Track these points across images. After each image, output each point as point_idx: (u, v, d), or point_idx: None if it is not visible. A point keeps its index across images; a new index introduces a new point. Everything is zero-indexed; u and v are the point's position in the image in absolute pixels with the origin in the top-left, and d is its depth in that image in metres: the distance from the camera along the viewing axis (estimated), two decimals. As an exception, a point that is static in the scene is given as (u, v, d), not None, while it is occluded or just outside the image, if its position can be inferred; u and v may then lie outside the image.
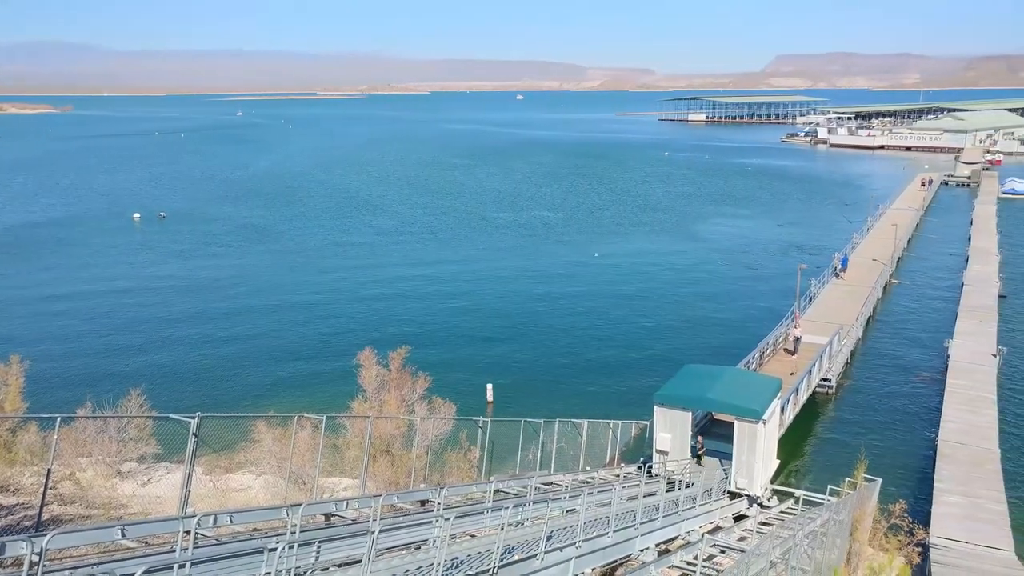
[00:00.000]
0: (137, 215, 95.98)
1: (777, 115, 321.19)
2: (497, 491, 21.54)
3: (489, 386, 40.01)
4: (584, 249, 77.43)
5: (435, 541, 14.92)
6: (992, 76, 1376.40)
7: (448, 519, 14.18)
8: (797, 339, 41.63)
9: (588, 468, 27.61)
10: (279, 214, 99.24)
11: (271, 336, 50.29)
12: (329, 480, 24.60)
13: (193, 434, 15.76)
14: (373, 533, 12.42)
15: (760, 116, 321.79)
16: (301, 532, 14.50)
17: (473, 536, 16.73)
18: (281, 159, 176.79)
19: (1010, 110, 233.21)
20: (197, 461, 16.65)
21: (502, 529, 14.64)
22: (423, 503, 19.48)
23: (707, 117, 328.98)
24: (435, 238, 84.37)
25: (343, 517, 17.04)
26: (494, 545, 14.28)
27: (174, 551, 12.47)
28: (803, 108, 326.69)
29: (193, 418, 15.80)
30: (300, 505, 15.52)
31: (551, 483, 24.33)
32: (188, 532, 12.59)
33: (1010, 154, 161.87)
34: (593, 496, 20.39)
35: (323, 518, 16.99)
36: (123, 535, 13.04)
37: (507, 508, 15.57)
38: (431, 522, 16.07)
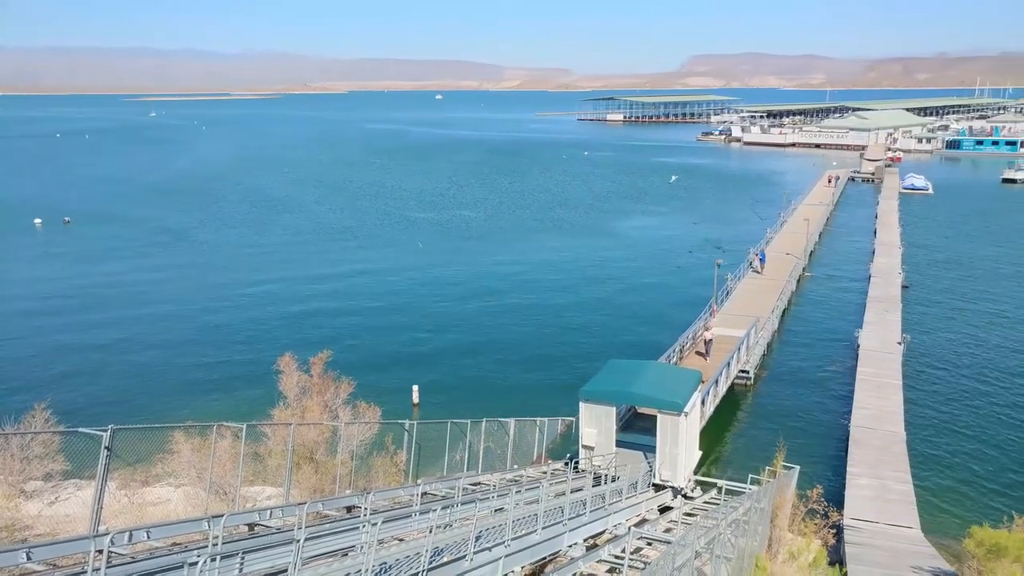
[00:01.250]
0: (38, 220, 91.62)
1: (693, 114, 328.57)
2: (425, 494, 21.38)
3: (415, 388, 39.71)
4: (507, 248, 77.66)
5: (363, 547, 14.69)
6: (891, 77, 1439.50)
7: (375, 524, 13.97)
8: (708, 342, 41.37)
9: (516, 466, 27.67)
10: (193, 217, 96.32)
11: (187, 344, 48.77)
12: (252, 489, 23.98)
13: (105, 448, 15.08)
14: (299, 541, 12.14)
15: (676, 115, 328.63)
16: (223, 544, 14.06)
17: (401, 540, 16.55)
18: (196, 161, 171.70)
19: (908, 110, 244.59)
20: (110, 476, 15.93)
21: (430, 532, 14.51)
22: (349, 509, 19.17)
23: (625, 117, 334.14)
24: (355, 239, 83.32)
25: (267, 526, 16.62)
26: (423, 548, 14.15)
27: (85, 572, 11.91)
28: (717, 107, 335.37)
29: (105, 431, 15.12)
30: (222, 516, 15.05)
31: (479, 483, 24.28)
32: (100, 551, 12.03)
33: (908, 152, 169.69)
34: (521, 494, 20.42)
35: (246, 528, 16.53)
36: (28, 558, 12.39)
37: (435, 510, 15.44)
38: (358, 528, 15.80)
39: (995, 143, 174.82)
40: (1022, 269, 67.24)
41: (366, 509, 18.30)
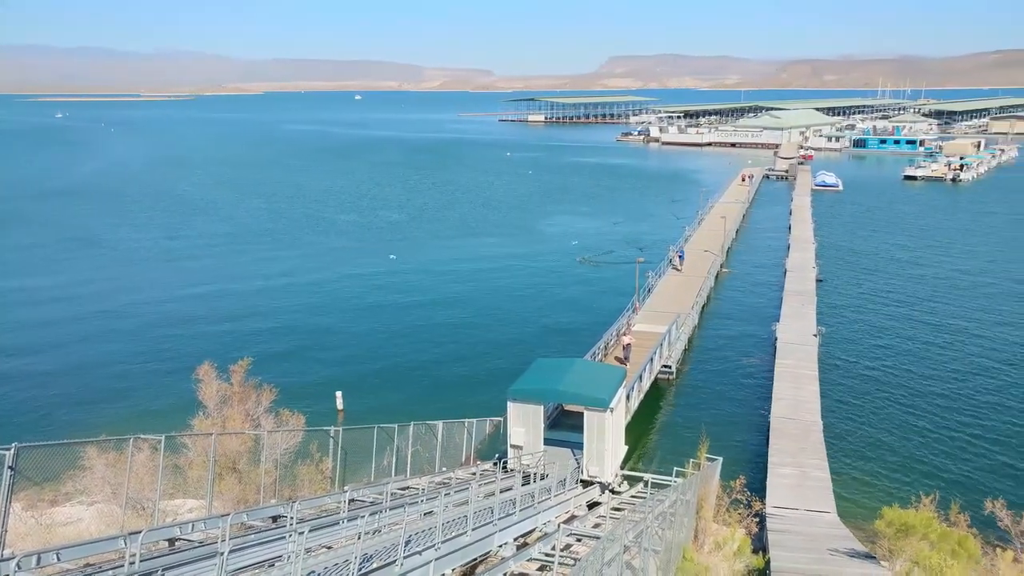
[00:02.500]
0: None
1: (612, 115, 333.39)
2: (352, 500, 21.07)
3: (338, 394, 39.13)
4: (430, 249, 77.28)
5: (289, 557, 14.40)
6: (801, 78, 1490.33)
7: (302, 533, 13.71)
8: (627, 346, 40.67)
9: (445, 469, 27.52)
10: (104, 222, 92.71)
11: (99, 354, 46.88)
12: (172, 503, 23.20)
13: (9, 467, 14.33)
14: (222, 554, 11.79)
15: (596, 116, 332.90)
16: (141, 561, 13.55)
17: (330, 548, 16.26)
18: (107, 164, 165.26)
19: (817, 109, 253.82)
20: (15, 496, 15.15)
21: (359, 538, 14.32)
22: (275, 519, 18.74)
23: (546, 117, 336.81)
24: (274, 242, 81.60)
25: (189, 540, 16.09)
26: (351, 555, 13.96)
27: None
28: (636, 108, 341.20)
29: (8, 449, 14.37)
30: (140, 532, 14.49)
31: (408, 487, 24.07)
32: None
33: (819, 150, 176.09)
34: (451, 496, 20.34)
35: (167, 544, 15.97)
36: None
37: (363, 516, 15.24)
38: (285, 537, 15.47)
39: (897, 142, 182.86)
40: (925, 262, 70.45)
41: (292, 518, 17.93)
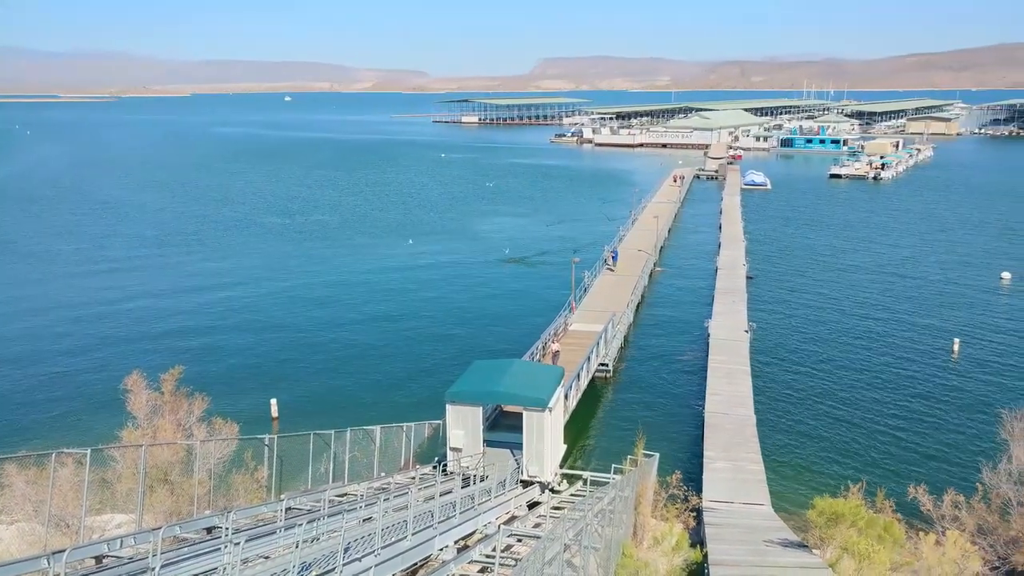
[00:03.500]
0: None
1: (545, 116, 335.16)
2: (289, 508, 20.73)
3: (273, 401, 38.45)
4: (364, 252, 76.55)
5: (225, 568, 14.08)
6: (730, 80, 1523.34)
7: (238, 544, 13.43)
8: (555, 354, 40.11)
9: (383, 474, 27.29)
10: (22, 229, 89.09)
11: (18, 365, 45.04)
12: (100, 519, 22.40)
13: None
14: (154, 569, 11.46)
15: (530, 118, 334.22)
16: (67, 581, 13.07)
17: (267, 558, 15.96)
18: (24, 167, 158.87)
19: (746, 110, 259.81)
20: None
21: (297, 547, 14.11)
22: (210, 530, 18.30)
23: (480, 119, 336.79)
24: (204, 247, 79.71)
25: (118, 557, 15.58)
26: (290, 564, 13.74)
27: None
28: (569, 109, 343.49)
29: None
30: (64, 551, 13.98)
31: (346, 494, 23.80)
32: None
33: (748, 150, 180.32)
34: (390, 501, 20.19)
35: (93, 562, 15.43)
36: None
37: (301, 525, 15.04)
38: (220, 549, 15.13)
39: (822, 141, 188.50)
40: (849, 257, 72.78)
41: (227, 529, 17.53)
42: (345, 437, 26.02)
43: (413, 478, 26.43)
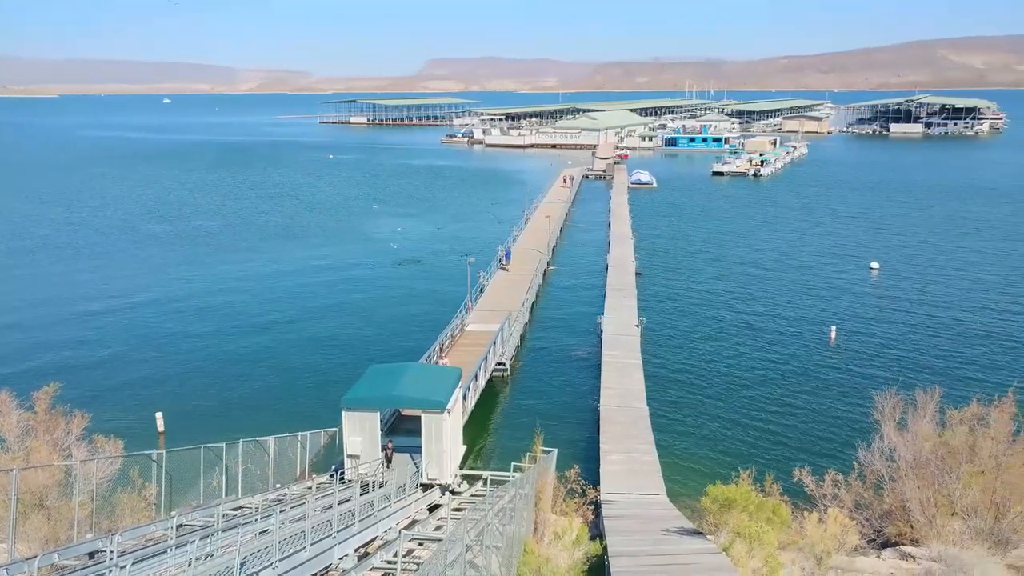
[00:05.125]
0: None
1: (435, 117, 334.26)
2: (181, 526, 19.91)
3: (159, 415, 36.87)
4: (251, 258, 74.34)
5: (110, 595, 13.40)
6: (615, 80, 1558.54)
7: (123, 567, 12.80)
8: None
9: (279, 485, 26.58)
10: None
11: None
12: (-35, 551, 20.89)
13: None
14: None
15: (420, 119, 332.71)
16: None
17: (157, 580, 15.31)
18: None
19: (631, 110, 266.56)
20: None
21: (189, 565, 13.60)
22: (93, 555, 17.36)
23: (368, 120, 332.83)
24: (77, 256, 75.53)
25: (-11, 591, 14.60)
26: (181, 585, 13.20)
27: None
28: (459, 110, 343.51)
29: None
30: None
31: (240, 507, 23.08)
32: None
33: (634, 149, 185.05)
34: (287, 512, 19.68)
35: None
36: None
37: (193, 542, 14.49)
38: (104, 574, 14.37)
39: (704, 140, 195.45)
40: (732, 252, 75.77)
41: (112, 552, 16.68)
42: (237, 449, 25.21)
43: (310, 488, 25.85)
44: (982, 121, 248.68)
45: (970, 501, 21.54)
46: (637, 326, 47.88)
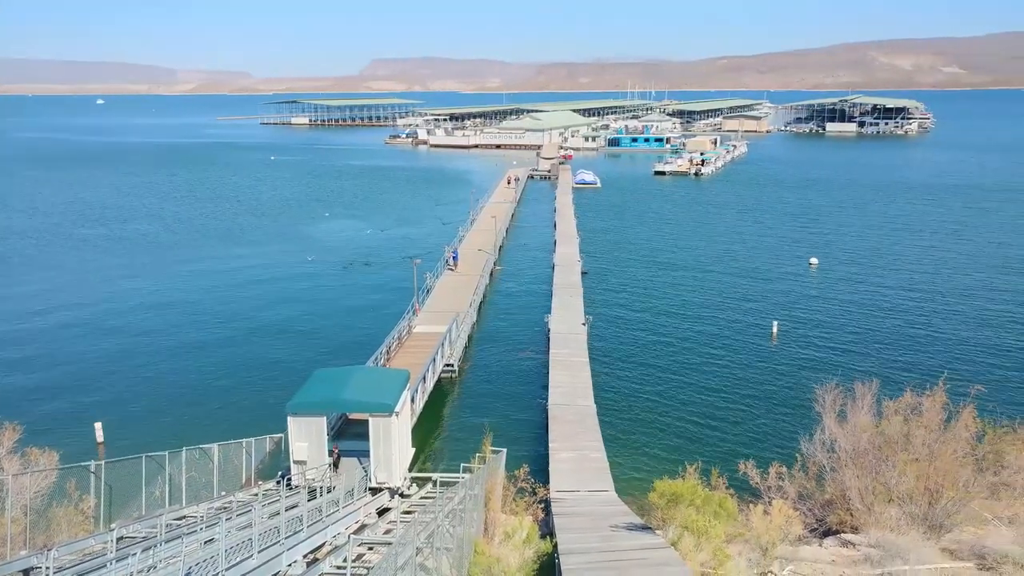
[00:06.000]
0: None
1: (379, 117, 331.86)
2: (122, 538, 19.40)
3: (97, 425, 35.85)
4: (192, 262, 72.76)
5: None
6: (558, 81, 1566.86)
7: (61, 583, 12.40)
8: None
9: (224, 493, 26.07)
10: None
11: None
12: None
13: None
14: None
15: (363, 119, 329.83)
16: None
17: (96, 595, 14.87)
18: None
19: (575, 110, 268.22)
20: None
21: (131, 579, 13.21)
22: (27, 572, 16.80)
23: (311, 120, 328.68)
24: (5, 262, 72.96)
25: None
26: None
27: None
28: (402, 111, 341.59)
29: None
30: None
31: (184, 517, 22.59)
32: None
33: (578, 150, 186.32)
34: (232, 521, 19.31)
35: None
36: None
37: (135, 554, 14.11)
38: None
39: (647, 140, 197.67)
40: (676, 249, 76.83)
41: (47, 568, 16.16)
42: (181, 458, 24.67)
43: (257, 495, 25.42)
44: (911, 121, 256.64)
45: (905, 488, 22.20)
46: (584, 324, 48.23)
